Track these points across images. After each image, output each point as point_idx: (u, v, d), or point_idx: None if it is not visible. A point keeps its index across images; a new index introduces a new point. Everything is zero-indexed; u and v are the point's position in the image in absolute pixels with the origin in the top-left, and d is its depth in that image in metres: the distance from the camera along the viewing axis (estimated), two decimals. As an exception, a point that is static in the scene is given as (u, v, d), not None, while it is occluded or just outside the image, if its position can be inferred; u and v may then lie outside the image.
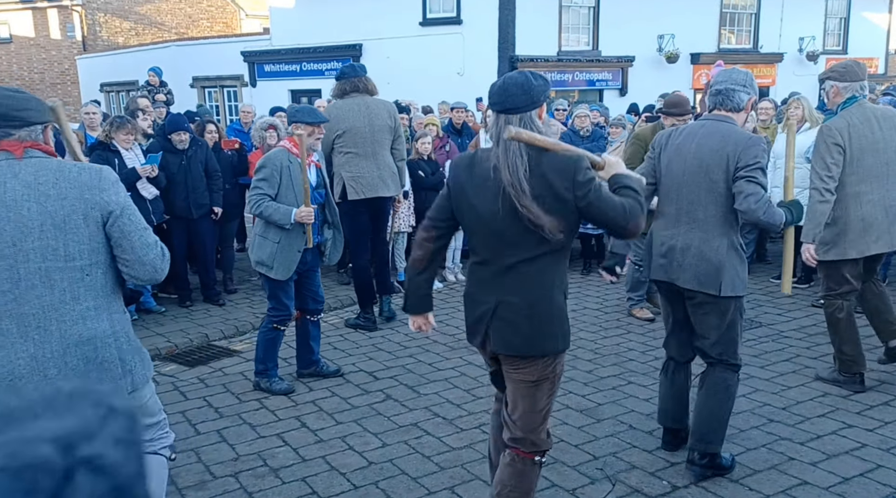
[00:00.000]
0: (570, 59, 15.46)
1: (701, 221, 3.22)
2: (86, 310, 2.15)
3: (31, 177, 2.09)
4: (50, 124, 2.26)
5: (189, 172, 6.09)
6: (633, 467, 3.46)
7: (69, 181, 2.11)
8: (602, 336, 5.46)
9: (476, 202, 2.49)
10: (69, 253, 2.10)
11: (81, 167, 2.17)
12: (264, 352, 4.47)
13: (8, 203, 2.04)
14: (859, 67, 4.18)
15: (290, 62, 17.26)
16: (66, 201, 2.09)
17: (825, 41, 19.48)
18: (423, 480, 3.39)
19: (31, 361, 2.08)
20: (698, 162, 3.20)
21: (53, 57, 26.07)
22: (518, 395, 2.60)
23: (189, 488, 3.37)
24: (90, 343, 2.14)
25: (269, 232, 4.29)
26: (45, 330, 2.09)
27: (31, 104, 2.17)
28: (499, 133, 2.45)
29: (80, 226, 2.11)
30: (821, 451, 3.58)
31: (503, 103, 2.47)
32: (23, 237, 2.05)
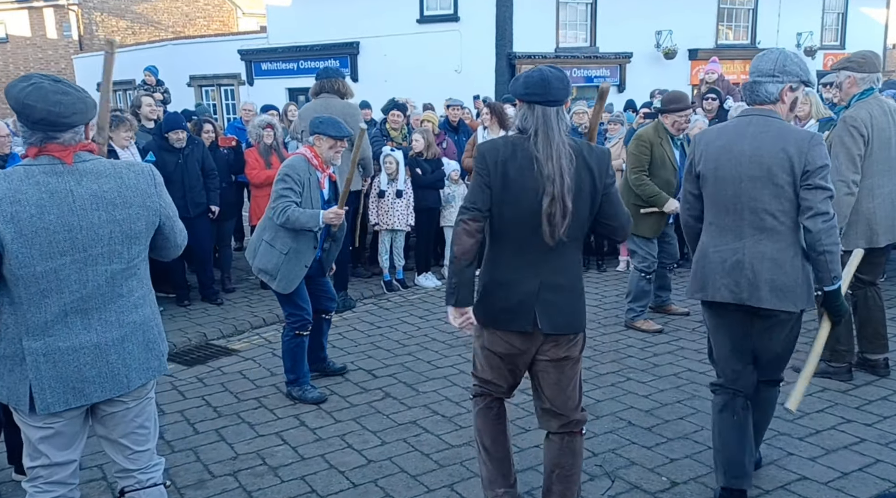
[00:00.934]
0: (567, 55, 15.45)
1: (770, 231, 2.85)
2: (137, 299, 2.33)
3: (94, 185, 2.20)
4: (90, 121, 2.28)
5: (186, 171, 6.08)
6: (633, 464, 3.46)
7: (130, 189, 2.26)
8: (601, 333, 5.46)
9: (517, 190, 2.58)
10: (131, 255, 2.29)
11: (136, 172, 2.30)
12: (292, 361, 4.29)
13: (78, 211, 2.16)
14: (877, 58, 4.13)
15: (287, 60, 17.24)
16: (132, 210, 2.26)
17: (823, 36, 19.49)
18: (423, 478, 3.39)
19: (95, 349, 2.24)
20: (758, 164, 2.82)
21: (50, 56, 26.04)
22: (562, 376, 2.74)
23: (188, 488, 3.37)
24: (141, 328, 2.34)
25: (277, 241, 4.12)
26: (106, 321, 2.26)
27: (77, 107, 2.15)
28: (538, 124, 2.57)
29: (143, 232, 2.30)
30: (819, 446, 3.59)
31: (546, 95, 2.57)
32: (93, 244, 2.19)
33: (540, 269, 2.64)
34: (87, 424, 2.40)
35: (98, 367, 2.24)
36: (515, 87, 2.67)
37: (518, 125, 2.65)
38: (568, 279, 2.68)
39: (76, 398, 2.23)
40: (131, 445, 2.41)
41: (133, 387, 2.31)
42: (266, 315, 6.04)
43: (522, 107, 2.63)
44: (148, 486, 2.45)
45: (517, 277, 2.66)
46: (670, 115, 5.34)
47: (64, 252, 2.15)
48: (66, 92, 2.14)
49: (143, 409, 2.42)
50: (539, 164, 2.54)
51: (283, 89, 16.92)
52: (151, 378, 2.38)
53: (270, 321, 5.94)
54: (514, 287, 2.66)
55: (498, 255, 2.69)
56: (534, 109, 2.59)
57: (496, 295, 2.69)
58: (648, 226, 5.41)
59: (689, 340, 5.22)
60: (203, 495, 3.30)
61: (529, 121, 2.59)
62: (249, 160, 6.71)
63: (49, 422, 2.26)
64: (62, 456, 2.32)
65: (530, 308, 2.64)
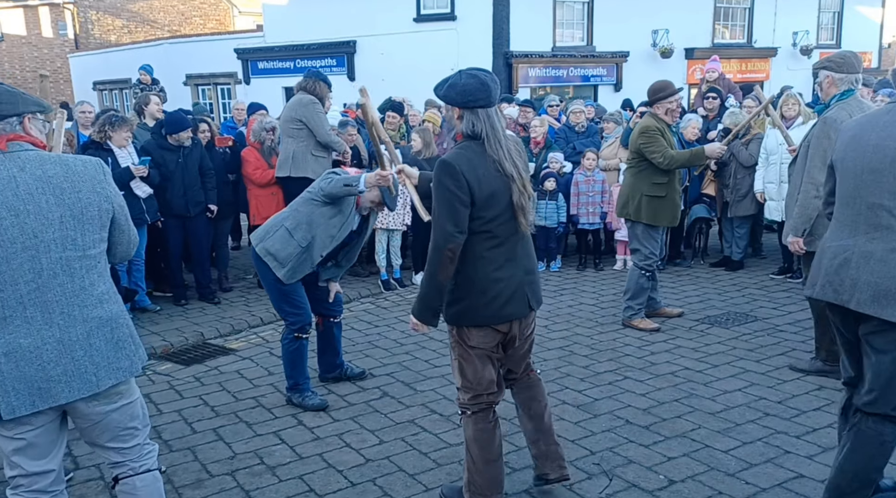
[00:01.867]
0: (564, 54, 15.45)
1: (886, 229, 2.62)
2: (101, 294, 2.28)
3: (39, 170, 2.17)
4: (30, 115, 2.26)
5: (186, 170, 6.07)
6: (630, 462, 3.47)
7: (78, 174, 2.23)
8: (598, 332, 5.47)
9: (492, 194, 2.74)
10: (86, 243, 2.23)
11: (83, 161, 2.28)
12: (291, 366, 4.19)
13: (23, 196, 2.13)
14: (856, 59, 4.10)
15: (283, 59, 17.20)
16: (82, 194, 2.22)
17: (819, 35, 19.52)
18: (421, 477, 3.39)
19: (58, 345, 2.18)
20: (881, 155, 2.62)
21: (45, 55, 25.95)
22: (525, 345, 3.06)
23: (186, 487, 3.36)
24: (108, 324, 2.27)
25: (298, 232, 4.01)
26: (68, 315, 2.20)
27: (1, 98, 2.19)
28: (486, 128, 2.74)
29: (95, 218, 2.25)
30: (816, 444, 3.60)
31: (488, 98, 2.75)
32: (43, 229, 2.15)
33: (520, 257, 2.89)
34: (63, 431, 2.33)
35: (63, 364, 2.17)
36: (451, 96, 2.75)
37: (465, 131, 2.77)
38: (534, 259, 3.01)
39: (43, 400, 2.15)
40: (120, 445, 2.39)
41: (103, 386, 2.24)
42: (263, 314, 6.04)
43: (464, 113, 2.75)
44: (141, 471, 2.43)
45: (509, 270, 2.84)
46: (661, 103, 5.30)
47: (14, 239, 2.10)
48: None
49: (126, 412, 2.36)
50: (499, 164, 2.74)
51: (279, 88, 16.87)
52: (122, 379, 2.30)
53: (268, 320, 5.93)
54: (509, 279, 2.84)
55: (485, 255, 2.80)
56: (478, 114, 2.74)
57: (494, 292, 2.82)
58: (668, 214, 5.35)
59: (687, 339, 5.23)
60: (201, 495, 3.30)
61: (478, 126, 2.74)
62: (251, 160, 6.66)
63: (19, 433, 2.19)
64: (38, 466, 2.26)
65: (524, 293, 2.90)
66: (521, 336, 3.00)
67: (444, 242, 2.70)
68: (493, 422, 3.00)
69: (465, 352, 2.92)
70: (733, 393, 4.24)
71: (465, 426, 3.02)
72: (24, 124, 2.23)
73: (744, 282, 6.78)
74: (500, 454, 3.01)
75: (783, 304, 6.03)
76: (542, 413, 3.16)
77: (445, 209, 2.70)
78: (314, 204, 4.05)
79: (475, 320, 2.84)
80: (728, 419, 3.89)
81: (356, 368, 4.70)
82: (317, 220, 4.03)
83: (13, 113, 2.20)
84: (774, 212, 6.67)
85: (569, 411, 4.05)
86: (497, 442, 3.00)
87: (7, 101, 2.19)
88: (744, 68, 18.09)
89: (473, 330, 2.87)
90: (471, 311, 2.83)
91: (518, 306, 2.88)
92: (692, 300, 6.22)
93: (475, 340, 2.89)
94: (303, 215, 4.04)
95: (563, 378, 4.53)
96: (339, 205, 4.05)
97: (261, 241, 4.09)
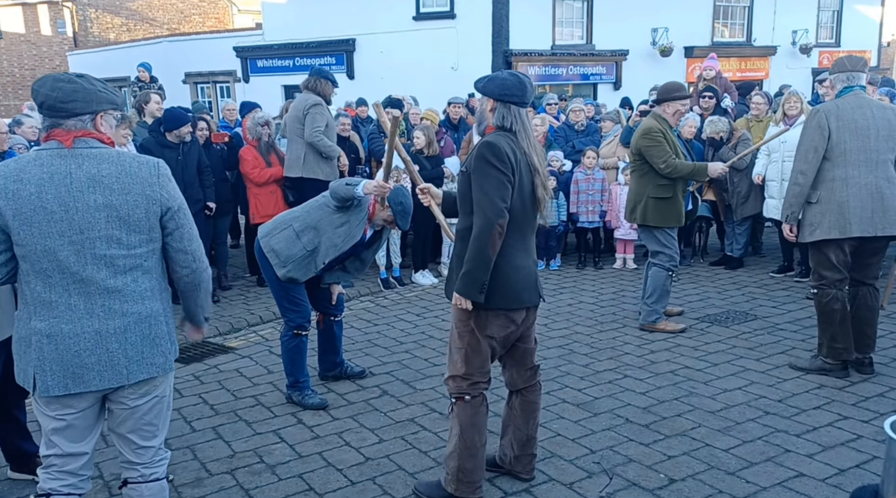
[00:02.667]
0: (563, 52, 15.44)
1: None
2: (144, 291, 2.34)
3: (94, 169, 2.24)
4: (103, 112, 2.32)
5: (185, 168, 6.05)
6: (630, 461, 3.47)
7: (131, 176, 2.28)
8: (598, 331, 5.46)
9: (522, 182, 2.87)
10: (131, 242, 2.29)
11: (140, 161, 2.33)
12: (290, 363, 4.18)
13: (74, 193, 2.20)
14: (850, 60, 4.28)
15: (282, 57, 17.18)
16: (130, 196, 2.26)
17: (818, 34, 19.52)
18: (420, 476, 3.38)
19: (96, 335, 2.26)
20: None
21: (44, 53, 25.91)
22: (532, 336, 3.18)
23: (185, 486, 3.35)
24: (146, 321, 2.33)
25: (304, 235, 4.00)
26: (109, 308, 2.27)
27: (77, 96, 2.24)
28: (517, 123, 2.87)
29: (142, 219, 2.30)
30: (817, 442, 3.59)
31: (523, 97, 2.88)
32: (90, 226, 2.22)
33: (532, 248, 3.03)
34: (101, 418, 2.43)
35: (98, 354, 2.26)
36: (490, 87, 2.87)
37: (497, 124, 2.89)
38: (535, 253, 3.12)
39: (76, 384, 2.26)
40: (138, 440, 2.44)
41: (133, 380, 2.32)
42: (263, 313, 6.03)
43: (497, 106, 2.88)
44: (150, 480, 2.48)
45: (527, 259, 2.98)
46: (672, 103, 5.20)
47: (62, 232, 2.19)
48: (70, 80, 2.24)
49: (153, 407, 2.43)
50: (528, 157, 2.88)
51: (279, 86, 16.87)
52: (154, 374, 2.37)
53: (267, 319, 5.92)
54: (527, 268, 2.97)
55: (510, 242, 2.89)
56: (510, 109, 2.87)
57: (515, 278, 2.92)
58: (675, 215, 5.29)
59: (686, 337, 5.22)
60: (200, 494, 3.29)
61: (509, 119, 2.87)
62: (248, 158, 6.64)
63: (61, 414, 2.31)
64: (74, 447, 2.37)
65: (536, 283, 3.03)
66: (526, 326, 3.10)
67: (496, 217, 2.78)
68: (486, 406, 3.11)
69: (477, 340, 2.97)
70: (733, 391, 4.24)
71: (461, 412, 3.05)
72: (97, 121, 2.29)
73: (743, 280, 6.78)
74: (486, 440, 3.12)
75: (783, 302, 6.03)
76: (538, 420, 3.29)
77: (494, 185, 2.78)
78: (326, 209, 4.05)
79: (496, 303, 2.91)
80: (728, 418, 3.89)
81: (356, 366, 4.70)
82: (324, 226, 4.03)
83: (87, 111, 2.26)
84: (773, 210, 6.67)
85: (569, 410, 4.05)
86: (485, 429, 3.12)
87: (83, 100, 2.25)
88: (743, 67, 18.09)
89: (491, 317, 2.94)
90: (494, 293, 2.89)
91: (533, 294, 3.01)
92: (692, 299, 6.22)
93: (492, 329, 2.96)
94: (313, 219, 4.04)
95: (562, 377, 4.53)
96: (348, 214, 4.04)
97: (267, 236, 4.09)
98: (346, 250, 4.10)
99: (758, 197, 6.92)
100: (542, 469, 3.37)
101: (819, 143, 4.12)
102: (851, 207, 4.08)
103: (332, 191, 4.02)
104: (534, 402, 3.25)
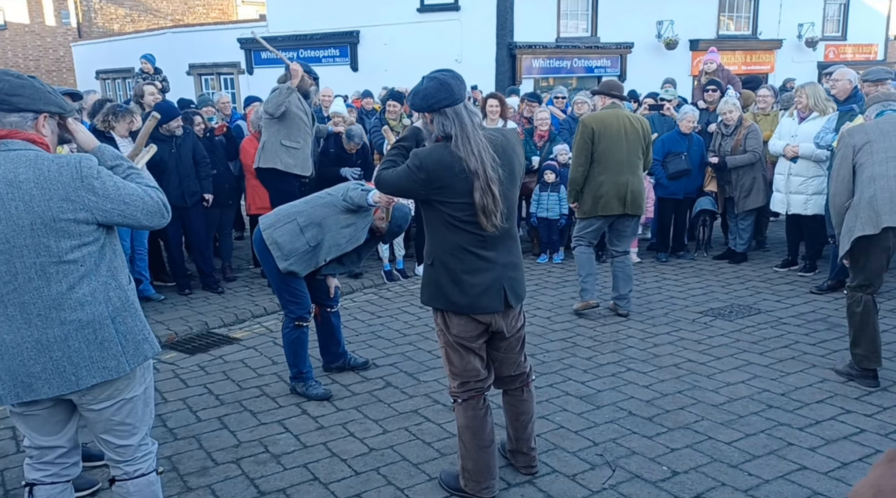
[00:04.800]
0: (568, 45, 15.39)
1: None
2: (83, 296, 2.21)
3: (11, 173, 2.11)
4: (49, 115, 2.23)
5: (180, 160, 6.06)
6: (633, 453, 3.48)
7: (51, 182, 2.12)
8: (601, 323, 5.47)
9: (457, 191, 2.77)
10: (61, 249, 2.16)
11: (60, 163, 2.15)
12: (293, 355, 4.21)
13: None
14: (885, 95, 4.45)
15: (286, 49, 17.06)
16: (53, 203, 2.12)
17: (824, 27, 19.41)
18: (424, 467, 3.40)
19: (37, 345, 2.20)
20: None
21: (48, 44, 25.90)
22: (517, 343, 3.10)
23: (191, 475, 3.38)
24: (90, 326, 2.22)
25: (308, 231, 4.02)
26: (45, 318, 2.18)
27: (24, 91, 2.16)
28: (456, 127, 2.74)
29: (71, 225, 2.16)
30: (819, 436, 3.60)
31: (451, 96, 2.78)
32: (14, 235, 2.12)
33: (499, 252, 2.88)
34: (72, 415, 2.40)
35: (42, 362, 2.20)
36: (417, 103, 2.82)
37: (439, 134, 2.80)
38: (518, 256, 2.99)
39: (26, 392, 2.22)
40: (115, 440, 2.40)
41: (84, 385, 2.23)
42: (267, 304, 6.05)
43: (434, 117, 2.78)
44: (135, 476, 2.45)
45: (485, 264, 2.86)
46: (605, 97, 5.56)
47: None
48: (20, 76, 2.20)
49: (121, 409, 2.35)
50: (464, 162, 2.71)
51: (282, 78, 16.83)
52: (108, 378, 2.26)
53: (271, 310, 5.94)
54: (485, 272, 2.86)
55: (460, 247, 2.83)
56: (446, 114, 2.75)
57: (467, 282, 2.85)
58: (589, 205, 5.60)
59: (690, 331, 5.23)
60: (206, 482, 3.32)
61: (448, 126, 2.75)
62: (248, 150, 6.68)
63: (25, 411, 2.32)
64: (46, 441, 2.38)
65: (500, 288, 2.89)
66: (509, 330, 3.00)
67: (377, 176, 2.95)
68: (483, 409, 3.04)
69: (448, 339, 2.98)
70: (736, 385, 4.25)
71: (457, 413, 3.07)
72: (39, 121, 2.20)
73: (747, 274, 6.77)
74: (492, 440, 3.07)
75: (787, 296, 6.03)
76: (526, 423, 3.24)
77: (401, 172, 2.84)
78: (333, 208, 4.07)
79: (448, 305, 2.89)
80: (731, 411, 3.90)
81: (359, 358, 4.71)
82: (330, 224, 4.05)
83: (32, 108, 2.18)
84: (779, 204, 6.65)
85: (571, 402, 4.06)
86: (489, 428, 3.05)
87: (29, 96, 2.17)
88: (748, 60, 18.01)
89: (454, 318, 2.92)
90: (445, 297, 2.89)
91: (493, 300, 2.88)
92: (696, 293, 6.22)
93: (455, 329, 2.93)
94: (318, 216, 4.05)
95: (565, 369, 4.54)
96: (355, 217, 4.07)
97: (270, 228, 4.08)
98: (348, 251, 4.14)
99: (760, 191, 6.90)
100: (545, 461, 3.39)
101: (845, 174, 4.18)
102: (880, 201, 4.04)
103: (346, 194, 4.02)
104: (516, 407, 3.20)
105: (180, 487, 3.28)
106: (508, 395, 3.21)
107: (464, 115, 2.75)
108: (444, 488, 3.17)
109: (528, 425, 3.24)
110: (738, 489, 3.14)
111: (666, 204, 7.27)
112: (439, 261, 2.88)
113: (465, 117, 2.75)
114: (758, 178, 6.89)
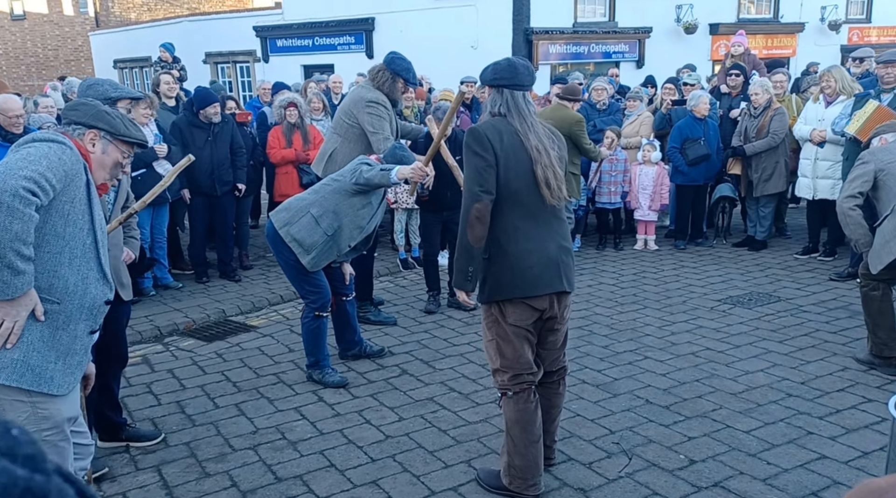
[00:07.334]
0: (585, 30, 15.19)
1: None
2: None
3: None
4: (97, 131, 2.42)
5: (215, 148, 6.04)
6: (650, 442, 3.46)
7: None
8: (618, 311, 5.43)
9: (517, 162, 2.78)
10: None
11: None
12: (312, 344, 4.23)
13: None
14: None
15: (302, 37, 17.12)
16: None
17: (848, 10, 18.97)
18: (440, 454, 3.41)
19: None
20: None
21: (67, 33, 26.08)
22: (563, 331, 3.06)
23: (209, 461, 3.42)
24: None
25: (324, 220, 4.01)
26: None
27: (81, 107, 2.44)
28: (508, 105, 2.82)
29: None
30: (840, 425, 3.56)
31: (513, 79, 2.84)
32: None
33: (553, 233, 2.88)
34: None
35: None
36: (484, 75, 2.89)
37: (490, 110, 2.87)
38: (569, 242, 2.99)
39: None
40: None
41: None
42: (283, 292, 6.08)
43: (492, 92, 2.86)
44: None
45: (541, 242, 2.84)
46: None
47: None
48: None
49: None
50: (523, 136, 2.80)
51: (298, 66, 16.82)
52: None
53: (288, 298, 5.97)
54: (542, 250, 2.84)
55: (514, 225, 2.81)
56: (502, 93, 2.83)
57: (527, 261, 2.82)
58: None
59: (708, 319, 5.18)
60: (224, 468, 3.35)
61: (499, 102, 2.84)
62: (271, 140, 6.75)
63: None
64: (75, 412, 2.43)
65: (558, 269, 2.87)
66: (559, 317, 2.96)
67: (471, 201, 2.76)
68: (534, 403, 2.96)
69: (503, 330, 2.89)
70: (755, 373, 4.20)
71: (506, 408, 2.97)
72: (86, 136, 2.41)
73: (767, 262, 6.69)
74: (540, 435, 2.98)
75: (807, 284, 5.95)
76: (555, 417, 3.21)
77: (472, 171, 2.78)
78: (344, 193, 4.05)
79: (511, 293, 2.83)
80: (750, 400, 3.86)
81: (375, 345, 4.72)
82: (344, 209, 4.04)
83: (82, 122, 2.41)
84: (805, 189, 6.54)
85: (588, 391, 4.04)
86: (538, 423, 2.97)
87: (84, 112, 2.42)
88: (770, 44, 17.68)
89: (509, 307, 2.86)
90: (506, 284, 2.83)
91: (552, 279, 2.85)
92: (714, 280, 6.16)
93: (512, 317, 2.86)
94: (330, 204, 4.04)
95: (582, 358, 4.52)
96: (369, 196, 4.06)
97: (285, 226, 4.06)
98: (370, 232, 4.13)
99: (781, 176, 6.79)
100: (561, 449, 3.38)
101: (864, 186, 4.15)
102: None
103: (358, 177, 4.00)
104: (550, 400, 3.14)
105: (199, 472, 3.31)
106: (544, 387, 3.11)
107: (519, 98, 2.84)
108: (485, 488, 3.08)
109: (556, 418, 3.22)
110: (757, 478, 3.11)
111: (685, 191, 7.19)
112: (497, 245, 2.83)
113: (521, 101, 2.84)
114: (780, 163, 6.78)
